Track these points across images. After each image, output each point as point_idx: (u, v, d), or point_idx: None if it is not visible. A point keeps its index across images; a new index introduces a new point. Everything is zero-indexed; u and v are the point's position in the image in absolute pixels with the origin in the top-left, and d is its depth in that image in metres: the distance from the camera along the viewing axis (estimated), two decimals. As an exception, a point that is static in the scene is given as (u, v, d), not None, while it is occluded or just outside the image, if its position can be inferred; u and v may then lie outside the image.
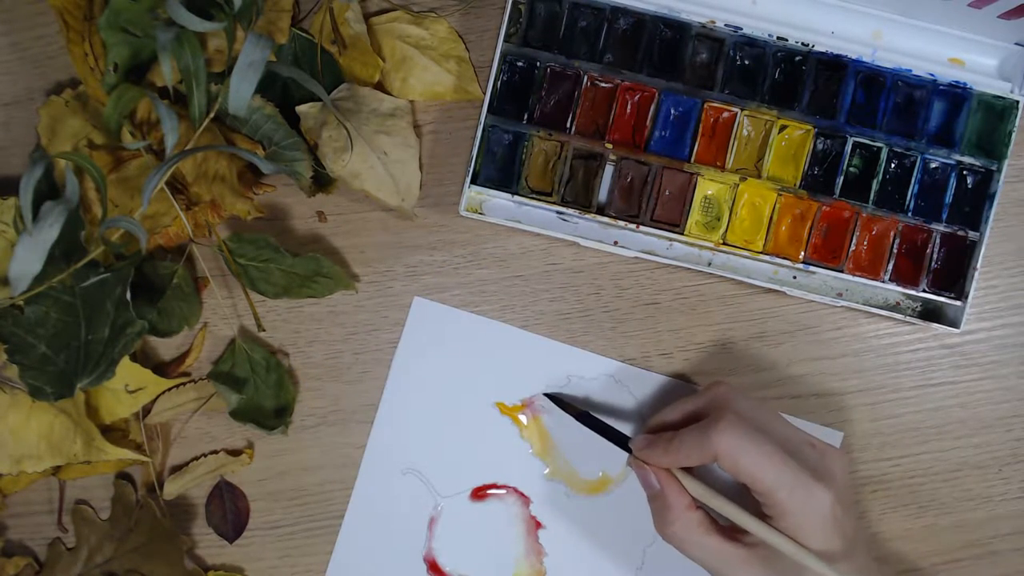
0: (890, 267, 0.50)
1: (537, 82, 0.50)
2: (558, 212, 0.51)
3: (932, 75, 0.50)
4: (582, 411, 0.50)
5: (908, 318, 0.51)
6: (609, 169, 0.51)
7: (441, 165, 0.53)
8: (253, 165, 0.49)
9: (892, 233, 0.50)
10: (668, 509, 0.45)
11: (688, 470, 0.45)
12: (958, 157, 0.50)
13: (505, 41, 0.50)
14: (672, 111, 0.51)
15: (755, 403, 0.45)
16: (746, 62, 0.51)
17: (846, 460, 0.44)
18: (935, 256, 0.51)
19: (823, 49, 0.50)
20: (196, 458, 0.53)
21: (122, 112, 0.47)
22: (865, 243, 0.51)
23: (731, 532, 0.44)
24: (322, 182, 0.51)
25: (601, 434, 0.49)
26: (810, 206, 0.50)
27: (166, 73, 0.46)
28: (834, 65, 0.50)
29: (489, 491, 0.53)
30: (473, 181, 0.50)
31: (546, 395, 0.52)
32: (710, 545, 0.44)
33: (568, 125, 0.50)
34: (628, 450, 0.47)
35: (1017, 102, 0.50)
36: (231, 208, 0.49)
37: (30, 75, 0.52)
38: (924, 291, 0.50)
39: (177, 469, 0.53)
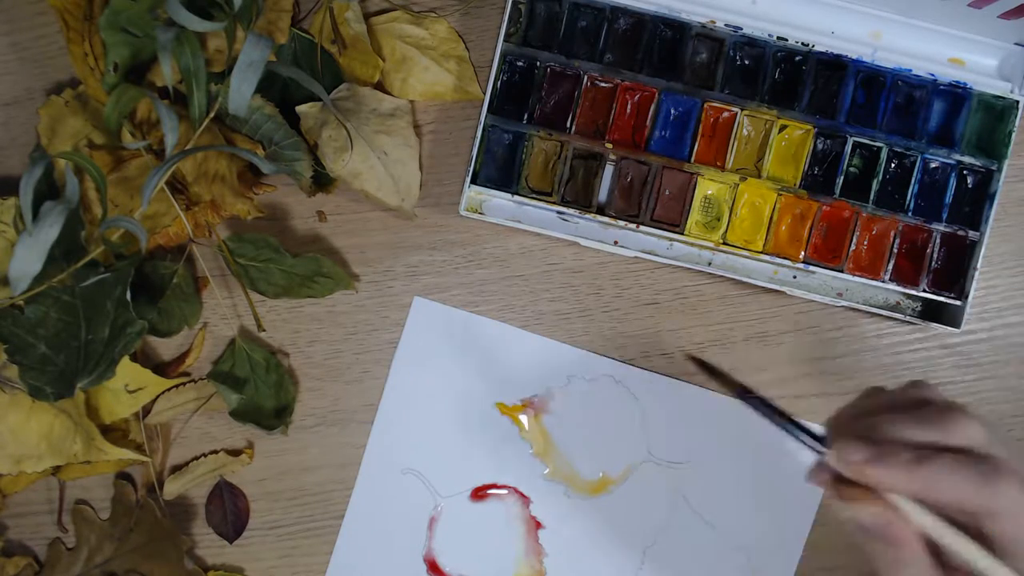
0: (890, 267, 0.50)
1: (537, 82, 0.50)
2: (558, 212, 0.51)
3: (932, 75, 0.50)
4: (782, 411, 0.37)
5: (908, 318, 0.51)
6: (609, 169, 0.51)
7: (441, 165, 0.53)
8: (253, 165, 0.49)
9: (892, 233, 0.50)
10: (900, 550, 0.34)
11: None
12: (958, 157, 0.50)
13: (505, 41, 0.50)
14: (672, 111, 0.51)
15: (1013, 449, 0.36)
16: (746, 62, 0.51)
17: None
18: (935, 256, 0.51)
19: (823, 49, 0.50)
20: (196, 458, 0.53)
21: (122, 112, 0.47)
22: (865, 243, 0.51)
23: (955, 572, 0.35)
24: (322, 182, 0.51)
25: (780, 425, 0.37)
26: (810, 206, 0.50)
27: (166, 73, 0.46)
28: (834, 65, 0.50)
29: (489, 491, 0.53)
30: (473, 181, 0.50)
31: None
32: None
33: (568, 125, 0.50)
34: (816, 449, 0.36)
35: (1017, 102, 0.50)
36: (231, 208, 0.49)
37: (30, 75, 0.52)
38: (924, 291, 0.50)
39: (177, 469, 0.53)
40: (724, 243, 0.50)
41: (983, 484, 0.34)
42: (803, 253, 0.51)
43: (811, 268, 0.51)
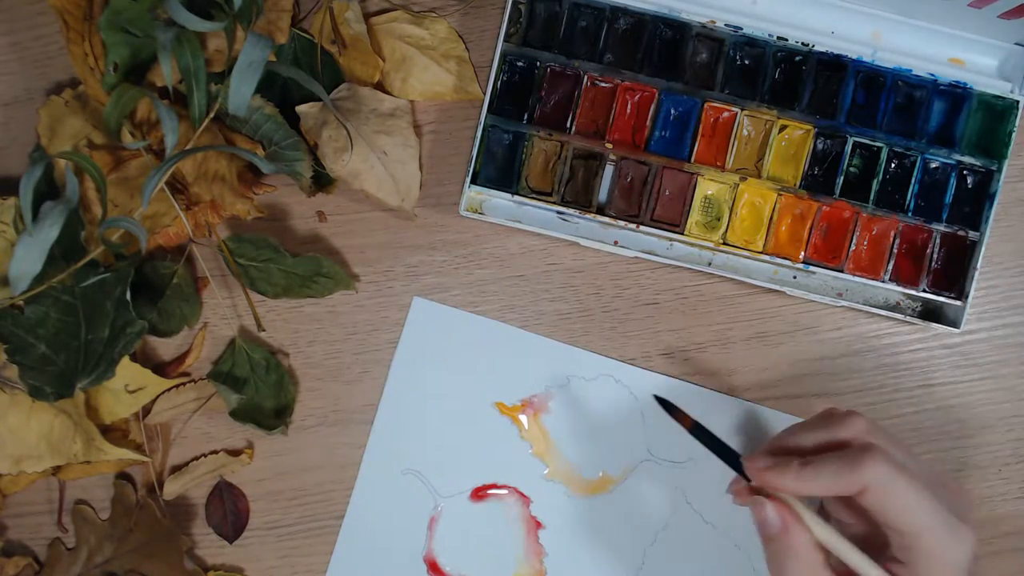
0: (890, 267, 0.50)
1: (537, 82, 0.50)
2: (558, 212, 0.51)
3: (932, 75, 0.50)
4: (695, 422, 0.45)
5: (908, 318, 0.51)
6: (609, 169, 0.51)
7: (441, 165, 0.53)
8: (253, 165, 0.49)
9: (892, 233, 0.50)
10: (791, 550, 0.40)
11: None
12: (958, 157, 0.50)
13: (505, 41, 0.50)
14: (672, 111, 0.51)
15: (894, 437, 0.42)
16: (746, 62, 0.51)
17: (972, 502, 0.41)
18: (935, 256, 0.51)
19: (823, 49, 0.50)
20: (196, 458, 0.53)
21: (122, 112, 0.47)
22: (865, 243, 0.51)
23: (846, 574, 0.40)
24: (322, 182, 0.51)
25: (712, 449, 0.44)
26: (810, 206, 0.50)
27: (166, 73, 0.46)
28: (834, 65, 0.50)
29: (489, 491, 0.53)
30: (473, 181, 0.50)
31: (656, 398, 0.46)
32: None
33: (568, 125, 0.50)
34: (738, 469, 0.42)
35: (1017, 102, 0.50)
36: (231, 208, 0.49)
37: (30, 75, 0.52)
38: (924, 291, 0.50)
39: (177, 469, 0.53)
40: (724, 243, 0.50)
41: (850, 469, 0.39)
42: (803, 253, 0.51)
43: (811, 268, 0.51)
